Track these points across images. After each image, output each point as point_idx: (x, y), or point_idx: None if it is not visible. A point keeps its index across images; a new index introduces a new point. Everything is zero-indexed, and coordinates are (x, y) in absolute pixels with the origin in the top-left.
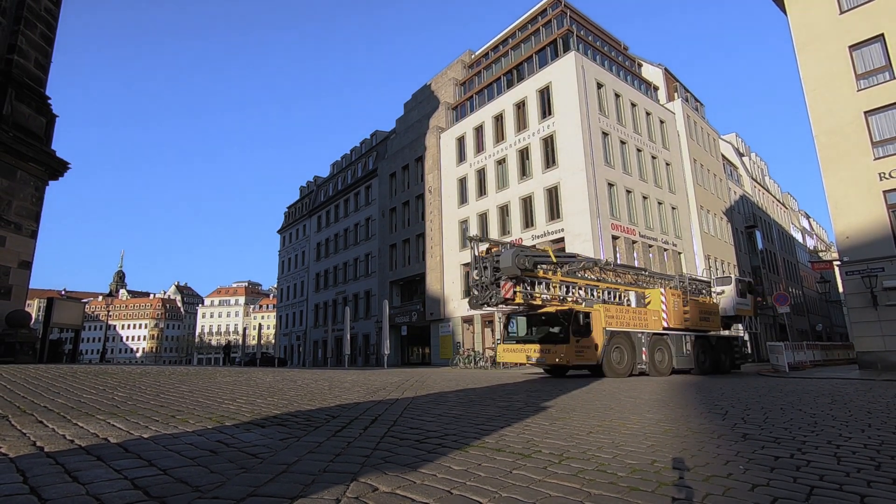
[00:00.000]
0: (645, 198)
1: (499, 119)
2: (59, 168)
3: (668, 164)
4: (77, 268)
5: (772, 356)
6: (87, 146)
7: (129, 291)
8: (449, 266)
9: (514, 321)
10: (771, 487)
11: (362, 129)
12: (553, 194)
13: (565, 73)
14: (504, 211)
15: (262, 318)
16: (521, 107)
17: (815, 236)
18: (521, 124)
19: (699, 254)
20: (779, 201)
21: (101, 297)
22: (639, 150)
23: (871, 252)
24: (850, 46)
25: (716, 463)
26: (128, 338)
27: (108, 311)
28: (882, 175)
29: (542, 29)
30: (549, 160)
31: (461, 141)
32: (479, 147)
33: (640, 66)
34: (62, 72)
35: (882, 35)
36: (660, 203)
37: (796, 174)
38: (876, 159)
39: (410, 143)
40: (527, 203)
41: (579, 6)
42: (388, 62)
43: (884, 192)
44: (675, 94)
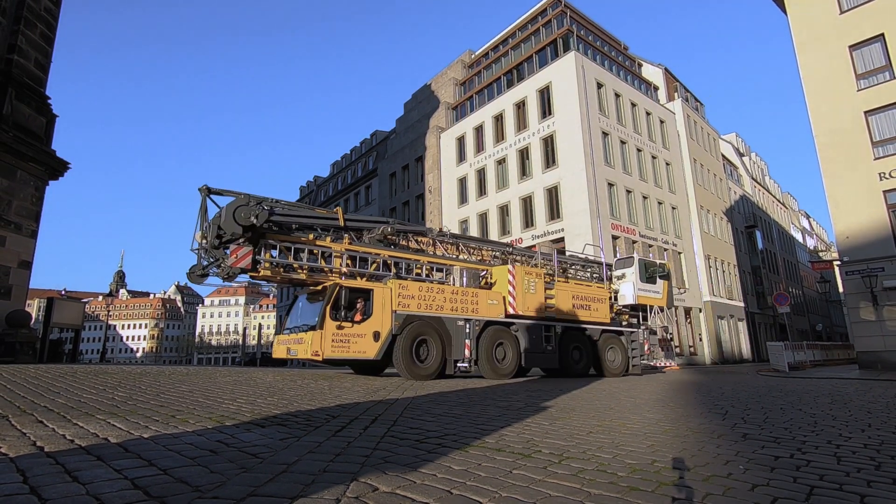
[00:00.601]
0: (645, 198)
1: (499, 119)
2: (59, 168)
3: (668, 164)
4: (77, 268)
5: (772, 356)
6: (88, 146)
7: (129, 291)
8: None
9: (300, 304)
10: (771, 487)
11: (362, 129)
12: (553, 194)
13: (565, 73)
14: (504, 211)
15: (262, 318)
16: (521, 107)
17: (815, 236)
18: (521, 124)
19: (699, 254)
20: (779, 201)
21: (101, 297)
22: (639, 150)
23: (871, 252)
24: (850, 46)
25: (716, 463)
26: (128, 338)
27: (108, 311)
28: (882, 175)
29: (542, 29)
30: (549, 160)
31: (461, 141)
32: (479, 147)
33: (640, 65)
34: (62, 71)
35: (882, 35)
36: (660, 203)
37: (796, 174)
38: (876, 159)
39: (410, 143)
40: (527, 203)
41: (579, 6)
42: (388, 62)
43: (884, 192)
44: (675, 94)
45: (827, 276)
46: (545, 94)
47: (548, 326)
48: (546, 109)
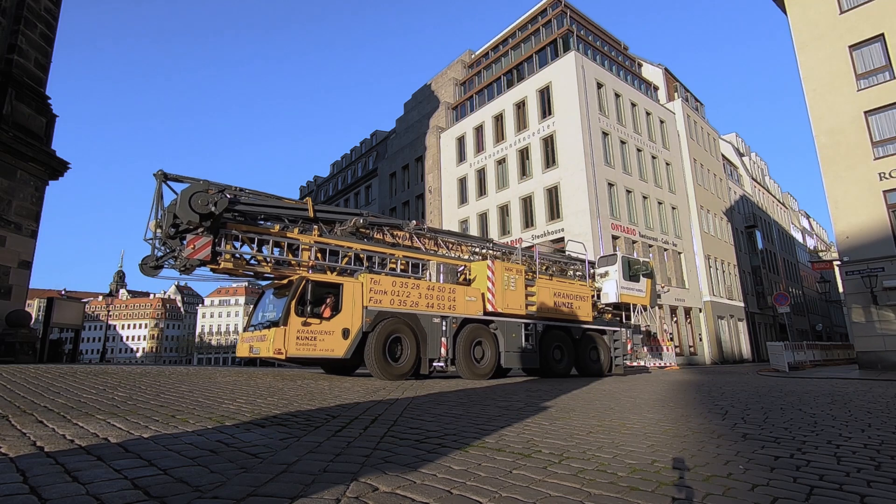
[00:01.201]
0: (645, 198)
1: (499, 119)
2: (59, 168)
3: (668, 164)
4: (77, 268)
5: (772, 356)
6: (88, 145)
7: (129, 291)
8: None
9: (266, 300)
10: (771, 487)
11: (362, 129)
12: (553, 194)
13: (565, 73)
14: (504, 211)
15: None
16: (521, 107)
17: (815, 236)
18: (521, 124)
19: (699, 254)
20: (779, 201)
21: (101, 297)
22: (639, 150)
23: (871, 252)
24: (850, 46)
25: (716, 463)
26: (128, 338)
27: (108, 311)
28: (882, 175)
29: (542, 29)
30: (549, 160)
31: (461, 141)
32: (479, 147)
33: (640, 65)
34: (62, 69)
35: (882, 35)
36: (660, 203)
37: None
38: (876, 159)
39: (410, 143)
40: (527, 203)
41: (579, 6)
42: (389, 62)
43: (884, 192)
44: (675, 94)
45: (827, 276)
46: (545, 94)
47: (528, 325)
48: (546, 109)
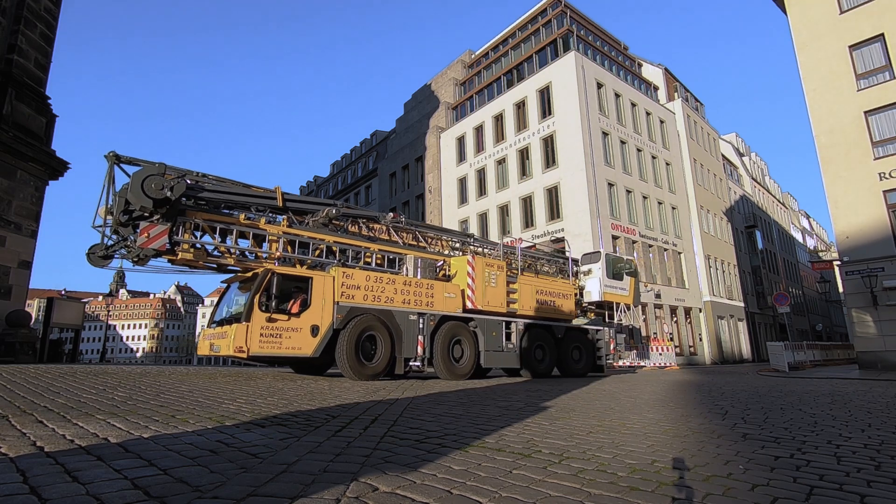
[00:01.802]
0: (645, 198)
1: (499, 119)
2: (59, 168)
3: (668, 164)
4: (77, 268)
5: (772, 356)
6: (88, 145)
7: (129, 291)
8: None
9: (231, 294)
10: (771, 487)
11: (362, 129)
12: (553, 194)
13: (565, 73)
14: (504, 211)
15: None
16: (521, 107)
17: (815, 236)
18: (521, 124)
19: (699, 253)
20: (779, 201)
21: (101, 297)
22: (639, 150)
23: (871, 252)
24: (850, 46)
25: (716, 463)
26: (128, 338)
27: (108, 311)
28: (882, 175)
29: (542, 29)
30: (549, 160)
31: (461, 141)
32: (479, 147)
33: (640, 65)
34: (62, 68)
35: (882, 35)
36: (660, 203)
37: (796, 174)
38: (876, 159)
39: (410, 143)
40: (527, 203)
41: (579, 6)
42: (389, 62)
43: (884, 192)
44: (675, 94)
45: (827, 276)
46: (545, 94)
47: (509, 323)
48: (546, 109)
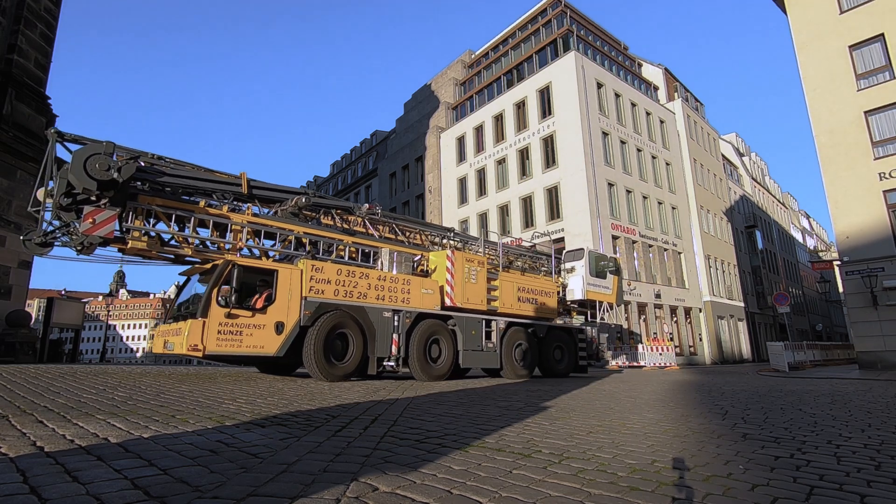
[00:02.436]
0: (645, 198)
1: (499, 119)
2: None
3: (668, 164)
4: (77, 268)
5: (772, 356)
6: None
7: (129, 291)
8: None
9: (191, 288)
10: (771, 487)
11: (362, 129)
12: (553, 194)
13: (565, 73)
14: (504, 211)
15: None
16: (521, 107)
17: (815, 236)
18: (521, 124)
19: (699, 254)
20: (779, 201)
21: (101, 297)
22: (639, 150)
23: (871, 252)
24: (850, 46)
25: (716, 463)
26: (128, 338)
27: (108, 311)
28: (882, 175)
29: (542, 29)
30: (549, 160)
31: (461, 141)
32: (479, 147)
33: (640, 65)
34: (63, 65)
35: (882, 35)
36: (660, 203)
37: (796, 174)
38: (876, 159)
39: (410, 143)
40: (527, 203)
41: (579, 6)
42: (389, 62)
43: (884, 192)
44: (675, 94)
45: (827, 276)
46: (545, 94)
47: (489, 321)
48: (546, 109)
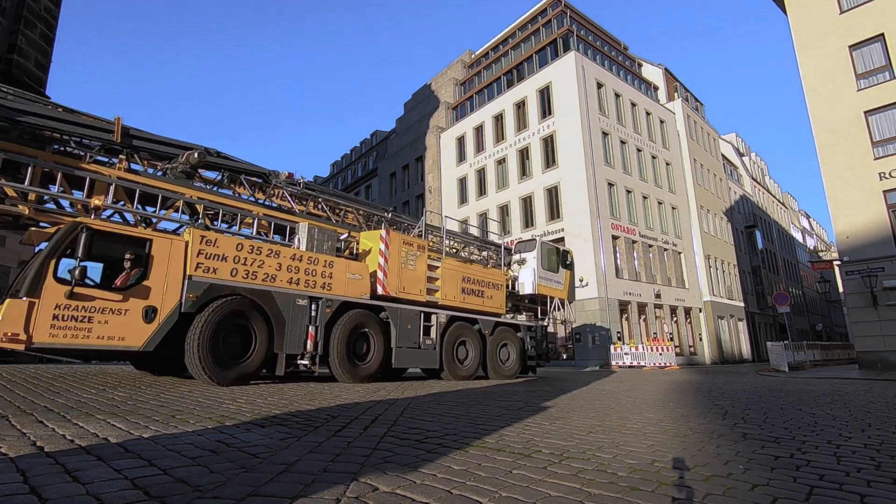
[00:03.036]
0: (645, 198)
1: (499, 119)
2: None
3: (668, 164)
4: None
5: (772, 356)
6: None
7: None
8: None
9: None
10: (771, 487)
11: (362, 129)
12: (553, 194)
13: (565, 73)
14: (504, 211)
15: None
16: (521, 106)
17: (815, 236)
18: (521, 124)
19: (699, 253)
20: (779, 201)
21: None
22: (639, 150)
23: (871, 252)
24: (850, 46)
25: (716, 463)
26: None
27: None
28: (882, 175)
29: (542, 29)
30: (549, 160)
31: (461, 141)
32: (479, 147)
33: (640, 65)
34: (63, 63)
35: (882, 35)
36: (660, 203)
37: (796, 174)
38: (876, 159)
39: (410, 143)
40: (527, 203)
41: (579, 6)
42: (389, 62)
43: (884, 191)
44: (675, 94)
45: (827, 276)
46: (545, 94)
47: (429, 314)
48: (546, 109)
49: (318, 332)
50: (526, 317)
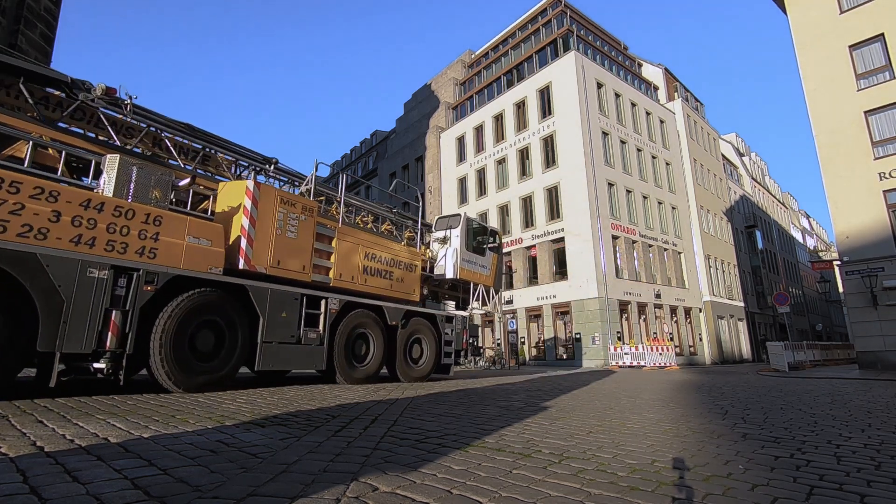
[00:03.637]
0: (645, 197)
1: (499, 119)
2: None
3: (668, 164)
4: None
5: (771, 356)
6: None
7: None
8: None
9: None
10: (771, 487)
11: (362, 129)
12: (553, 194)
13: (565, 73)
14: (504, 211)
15: None
16: (521, 106)
17: (815, 236)
18: (521, 124)
19: (699, 253)
20: (779, 201)
21: None
22: (639, 150)
23: (871, 252)
24: (850, 46)
25: (716, 463)
26: None
27: None
28: (882, 175)
29: (542, 29)
30: (549, 160)
31: (461, 141)
32: (479, 147)
33: (640, 65)
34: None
35: (882, 35)
36: (660, 203)
37: (796, 174)
38: (876, 159)
39: (410, 143)
40: (527, 203)
41: (579, 6)
42: (389, 62)
43: (884, 191)
44: (675, 94)
45: (827, 276)
46: (545, 94)
47: (315, 298)
48: (546, 109)
49: (130, 322)
50: (448, 305)
